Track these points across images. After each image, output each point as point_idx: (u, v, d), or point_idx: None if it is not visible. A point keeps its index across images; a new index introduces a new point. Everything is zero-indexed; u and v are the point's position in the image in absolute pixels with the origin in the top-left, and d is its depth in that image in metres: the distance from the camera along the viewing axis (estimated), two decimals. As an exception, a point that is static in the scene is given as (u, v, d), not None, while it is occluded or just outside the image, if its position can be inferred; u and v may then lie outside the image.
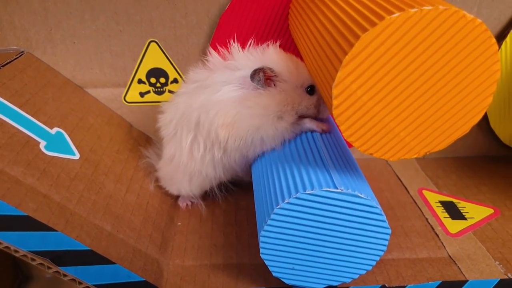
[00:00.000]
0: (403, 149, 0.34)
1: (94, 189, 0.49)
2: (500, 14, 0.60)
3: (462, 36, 0.30)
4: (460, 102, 0.32)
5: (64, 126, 0.52)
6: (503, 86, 0.63)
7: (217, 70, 0.47)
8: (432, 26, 0.29)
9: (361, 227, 0.39)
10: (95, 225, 0.45)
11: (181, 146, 0.50)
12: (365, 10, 0.31)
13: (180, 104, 0.49)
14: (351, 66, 0.30)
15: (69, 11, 0.56)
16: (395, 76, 0.31)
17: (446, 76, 0.31)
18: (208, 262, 0.49)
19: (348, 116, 0.32)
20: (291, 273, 0.42)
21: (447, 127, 0.34)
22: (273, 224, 0.39)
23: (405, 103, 0.32)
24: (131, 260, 0.45)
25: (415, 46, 0.30)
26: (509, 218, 0.57)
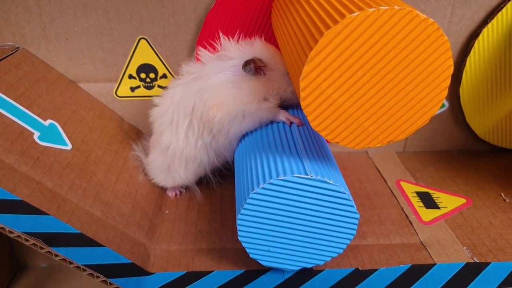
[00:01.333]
0: (367, 138, 0.37)
1: (85, 177, 0.52)
2: (473, 14, 0.63)
3: (416, 34, 0.33)
4: (418, 95, 0.35)
5: (57, 118, 0.55)
6: (477, 82, 0.66)
7: (210, 61, 0.52)
8: (389, 24, 0.32)
9: (331, 212, 0.42)
10: (86, 210, 0.48)
11: (178, 132, 0.53)
12: (330, 9, 0.34)
13: (176, 93, 0.52)
14: (316, 61, 0.33)
15: (62, 9, 0.59)
16: (357, 70, 0.34)
17: (404, 70, 0.34)
18: (192, 247, 0.52)
19: (315, 107, 0.34)
20: (267, 255, 0.45)
21: (407, 118, 0.36)
22: (249, 208, 0.42)
23: (367, 95, 0.35)
24: (119, 243, 0.48)
25: (374, 42, 0.33)
26: (480, 207, 0.60)
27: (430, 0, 0.62)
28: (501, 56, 0.64)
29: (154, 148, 0.58)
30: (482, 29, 0.63)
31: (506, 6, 0.61)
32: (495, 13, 0.62)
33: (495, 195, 0.63)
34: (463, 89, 0.67)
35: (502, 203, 0.61)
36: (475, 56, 0.64)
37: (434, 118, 0.71)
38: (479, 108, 0.69)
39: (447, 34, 0.64)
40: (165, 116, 0.54)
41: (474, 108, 0.69)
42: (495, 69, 0.65)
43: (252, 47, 0.52)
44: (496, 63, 0.65)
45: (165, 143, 0.55)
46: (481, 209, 0.60)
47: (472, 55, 0.64)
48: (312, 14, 0.37)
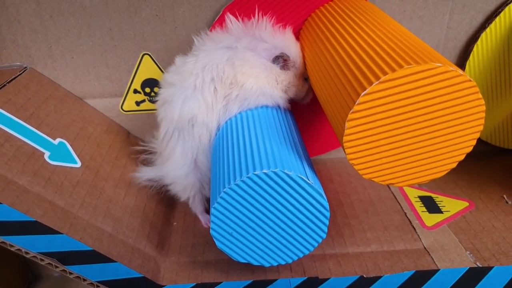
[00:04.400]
0: (400, 178, 0.41)
1: (95, 194, 0.53)
2: (472, 19, 0.64)
3: (455, 90, 0.37)
4: (450, 141, 0.39)
5: (66, 137, 0.57)
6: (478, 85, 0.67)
7: (242, 36, 0.53)
8: (431, 80, 0.36)
9: (302, 209, 0.44)
10: (97, 227, 0.49)
11: (204, 98, 0.51)
12: (377, 57, 0.38)
13: (200, 59, 0.52)
14: (363, 106, 0.36)
15: (67, 29, 0.61)
16: (399, 117, 0.37)
17: (439, 120, 0.38)
18: (201, 258, 0.54)
19: (355, 145, 0.38)
20: (240, 250, 0.47)
21: (438, 162, 0.40)
22: (222, 204, 0.43)
23: (406, 140, 0.38)
24: (130, 258, 0.49)
25: (418, 94, 0.36)
26: (483, 210, 0.61)
27: (428, 7, 0.62)
28: (500, 59, 0.65)
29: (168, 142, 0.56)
30: (481, 34, 0.63)
31: (504, 11, 0.62)
32: (493, 17, 0.62)
33: (497, 197, 0.64)
34: (464, 93, 0.68)
35: (504, 205, 0.62)
36: (474, 60, 0.65)
37: (435, 122, 0.72)
38: (480, 110, 0.69)
39: (445, 39, 0.65)
40: (188, 81, 0.51)
41: (475, 111, 0.69)
42: (494, 72, 0.66)
43: (284, 37, 0.54)
44: (496, 66, 0.66)
45: (191, 115, 0.51)
46: (484, 212, 0.61)
47: (471, 59, 0.65)
48: (359, 59, 0.40)
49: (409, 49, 0.38)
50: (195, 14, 0.60)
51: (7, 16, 0.59)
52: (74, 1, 0.59)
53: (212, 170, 0.51)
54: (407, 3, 0.62)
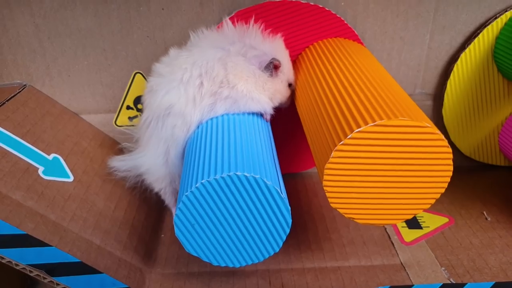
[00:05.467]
0: (377, 218, 0.44)
1: (86, 207, 0.56)
2: (451, 40, 0.66)
3: (426, 146, 0.41)
4: (420, 186, 0.42)
5: (61, 152, 0.60)
6: (458, 104, 0.69)
7: (235, 41, 0.55)
8: (403, 134, 0.40)
9: (263, 210, 0.45)
10: (86, 239, 0.52)
11: (186, 91, 0.52)
12: (361, 107, 0.42)
13: (193, 55, 0.54)
14: (341, 154, 0.40)
15: (63, 49, 0.64)
16: (374, 164, 0.41)
17: (410, 168, 0.41)
18: (185, 270, 0.56)
19: (335, 187, 0.42)
20: (206, 251, 0.48)
21: (410, 203, 0.43)
22: (186, 204, 0.44)
23: (381, 184, 0.42)
24: (117, 269, 0.52)
25: (393, 144, 0.40)
26: (462, 226, 0.63)
27: (409, 28, 0.65)
28: (480, 79, 0.67)
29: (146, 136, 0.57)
30: (460, 54, 0.65)
31: (482, 32, 0.63)
32: (472, 39, 0.64)
33: (478, 213, 0.65)
34: (446, 110, 0.69)
35: (484, 222, 0.64)
36: (454, 79, 0.67)
37: (420, 138, 0.74)
38: (462, 127, 0.71)
39: (427, 59, 0.67)
40: (176, 74, 0.53)
41: (457, 127, 0.71)
42: (475, 91, 0.68)
43: (273, 43, 0.56)
44: (476, 85, 0.67)
45: (169, 103, 0.52)
46: (463, 229, 0.62)
47: (452, 79, 0.67)
48: (345, 106, 0.44)
49: (384, 101, 0.42)
50: (183, 35, 0.63)
51: (8, 37, 0.63)
52: (70, 24, 0.62)
53: (184, 163, 0.51)
54: (388, 25, 0.64)
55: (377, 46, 0.66)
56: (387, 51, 0.66)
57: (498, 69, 0.66)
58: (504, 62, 0.63)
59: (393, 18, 0.64)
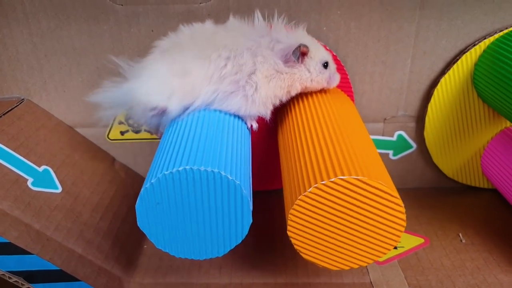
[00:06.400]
0: (337, 262, 0.47)
1: (71, 217, 0.59)
2: (432, 65, 0.67)
3: (381, 205, 0.44)
4: (375, 236, 0.45)
5: (52, 164, 0.64)
6: (440, 127, 0.70)
7: (263, 33, 0.55)
8: (360, 190, 0.43)
9: (224, 204, 0.45)
10: (68, 248, 0.55)
11: (209, 65, 0.53)
12: (322, 163, 0.45)
13: (226, 38, 0.54)
14: (303, 204, 0.44)
15: (59, 66, 0.68)
16: (331, 215, 0.44)
17: (366, 219, 0.44)
18: (162, 281, 0.59)
19: (298, 232, 0.46)
20: (166, 241, 0.48)
21: (366, 252, 0.46)
22: (145, 195, 0.44)
23: (339, 232, 0.45)
24: (96, 278, 0.55)
25: (349, 198, 0.43)
26: (436, 247, 0.64)
27: (390, 53, 0.66)
28: (460, 103, 0.68)
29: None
30: (440, 79, 0.67)
31: (461, 59, 0.65)
32: (452, 64, 0.66)
33: (454, 235, 0.66)
34: (427, 133, 0.71)
35: (458, 243, 0.65)
36: (435, 103, 0.68)
37: (403, 158, 0.76)
38: (444, 150, 0.72)
39: (409, 83, 0.69)
40: (205, 50, 0.53)
41: (439, 150, 0.72)
42: (456, 115, 0.69)
43: (297, 34, 0.56)
44: (457, 109, 0.69)
45: (190, 69, 0.53)
46: (437, 250, 0.63)
47: (433, 102, 0.68)
48: (311, 159, 0.47)
49: (349, 157, 0.45)
50: (173, 55, 0.67)
51: (8, 54, 0.67)
52: (65, 43, 0.66)
53: (157, 151, 0.52)
54: (369, 49, 0.66)
55: (359, 70, 0.68)
56: (369, 74, 0.68)
57: (478, 94, 0.67)
58: (483, 88, 0.64)
59: (374, 43, 0.66)
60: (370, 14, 0.63)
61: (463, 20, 0.64)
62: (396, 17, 0.64)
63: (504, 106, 0.60)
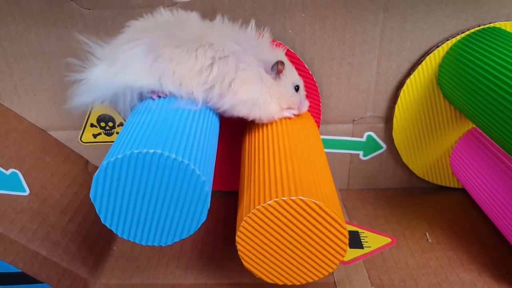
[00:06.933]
0: (280, 278, 0.51)
1: (37, 220, 0.60)
2: (399, 66, 0.68)
3: (324, 226, 0.47)
4: (317, 256, 0.49)
5: (20, 167, 0.64)
6: (408, 127, 0.71)
7: (251, 41, 0.56)
8: (304, 210, 0.46)
9: (179, 187, 0.44)
10: (32, 251, 0.56)
11: (197, 61, 0.53)
12: (267, 185, 0.48)
13: (213, 36, 0.54)
14: (250, 222, 0.47)
15: (29, 70, 0.68)
16: (276, 233, 0.48)
17: (311, 238, 0.48)
18: (128, 282, 0.60)
19: (246, 246, 0.49)
20: (122, 225, 0.48)
21: (310, 269, 0.50)
22: (99, 179, 0.44)
23: (284, 248, 0.48)
24: (60, 280, 0.56)
25: (292, 217, 0.47)
26: (402, 247, 0.65)
27: (356, 54, 0.67)
28: (427, 104, 0.69)
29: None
30: (406, 80, 0.67)
31: (425, 60, 0.66)
32: (417, 65, 0.66)
33: (421, 234, 0.67)
34: (396, 134, 0.71)
35: (424, 243, 0.65)
36: (402, 104, 0.69)
37: (374, 159, 0.76)
38: (413, 150, 0.73)
39: (376, 84, 0.70)
40: (190, 42, 0.53)
41: (409, 150, 0.73)
42: (423, 115, 0.70)
43: (277, 52, 0.58)
44: (423, 110, 0.69)
45: (178, 58, 0.53)
46: (402, 249, 0.64)
47: (399, 103, 0.69)
48: (261, 179, 0.50)
49: (299, 179, 0.48)
50: (141, 58, 0.67)
51: (-22, 59, 0.68)
52: (34, 47, 0.67)
53: (126, 123, 0.52)
54: (335, 51, 0.67)
55: (326, 72, 0.68)
56: (335, 76, 0.69)
57: (443, 95, 0.68)
58: (447, 89, 0.65)
59: (340, 45, 0.66)
60: (334, 16, 0.64)
61: (426, 22, 0.65)
62: (360, 19, 0.64)
63: (466, 106, 0.61)
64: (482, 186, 0.64)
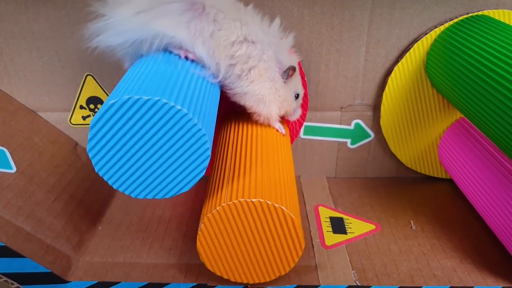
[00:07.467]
0: (241, 275, 0.53)
1: (23, 197, 0.60)
2: (387, 53, 0.68)
3: (279, 226, 0.49)
4: (274, 256, 0.52)
5: (8, 145, 0.65)
6: (396, 115, 0.71)
7: (275, 39, 0.57)
8: (256, 211, 0.48)
9: (175, 135, 0.43)
10: (16, 226, 0.56)
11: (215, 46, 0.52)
12: (225, 187, 0.51)
13: (249, 26, 0.54)
14: (208, 224, 0.50)
15: (19, 50, 0.69)
16: (237, 233, 0.50)
17: (266, 242, 0.50)
18: (111, 260, 0.60)
19: (207, 247, 0.51)
20: (118, 177, 0.45)
21: (267, 269, 0.53)
22: (99, 124, 0.42)
23: (246, 247, 0.51)
24: (43, 255, 0.56)
25: (248, 216, 0.49)
26: (386, 234, 0.65)
27: (344, 41, 0.67)
28: (415, 92, 0.69)
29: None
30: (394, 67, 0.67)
31: (413, 47, 0.66)
32: (405, 52, 0.66)
33: (405, 222, 0.67)
34: (383, 122, 0.72)
35: (409, 230, 0.65)
36: (390, 91, 0.69)
37: (362, 147, 0.76)
38: (401, 139, 0.73)
39: (364, 71, 0.70)
40: (232, 26, 0.53)
41: (396, 139, 0.73)
42: (411, 104, 0.70)
43: (294, 57, 0.60)
44: (411, 98, 0.69)
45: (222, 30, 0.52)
46: (386, 236, 0.64)
47: (387, 91, 0.69)
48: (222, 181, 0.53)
49: (260, 182, 0.50)
50: (131, 41, 0.67)
51: (-32, 38, 0.68)
52: (24, 26, 0.67)
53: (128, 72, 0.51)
54: (324, 37, 0.67)
55: (314, 58, 0.68)
56: (324, 62, 0.69)
57: (431, 83, 0.68)
58: (435, 77, 0.65)
59: (328, 30, 0.67)
60: (323, 1, 0.64)
61: (415, 9, 0.65)
62: (349, 5, 0.64)
63: (453, 95, 0.61)
64: (469, 176, 0.64)
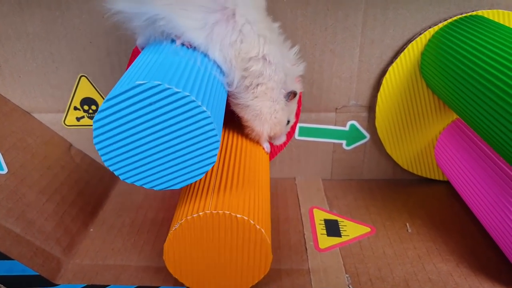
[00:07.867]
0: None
1: (13, 198, 0.60)
2: (382, 54, 0.67)
3: (247, 236, 0.48)
4: (245, 269, 0.51)
5: (0, 146, 0.64)
6: (391, 116, 0.70)
7: (289, 63, 0.57)
8: (226, 223, 0.48)
9: (183, 123, 0.41)
10: (5, 228, 0.56)
11: (228, 49, 0.51)
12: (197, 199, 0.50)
13: (271, 45, 0.53)
14: (173, 238, 0.49)
15: (14, 51, 0.69)
16: (205, 248, 0.49)
17: (237, 254, 0.50)
18: (102, 262, 0.59)
19: (173, 257, 0.50)
20: (125, 168, 0.44)
21: (236, 281, 0.52)
22: (105, 113, 0.40)
23: (212, 260, 0.50)
24: (31, 258, 0.56)
25: (215, 228, 0.48)
26: (381, 237, 0.64)
27: (338, 41, 0.67)
28: (410, 93, 0.68)
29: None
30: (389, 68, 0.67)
31: (408, 48, 0.65)
32: (399, 53, 0.66)
33: (401, 225, 0.66)
34: (379, 123, 0.71)
35: (404, 233, 0.64)
36: (384, 92, 0.68)
37: (357, 149, 0.75)
38: (397, 140, 0.72)
39: (359, 72, 0.69)
40: (250, 48, 0.52)
41: (392, 140, 0.72)
42: (406, 105, 0.69)
43: (299, 85, 0.60)
44: (406, 99, 0.69)
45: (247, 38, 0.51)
46: (381, 239, 0.63)
47: (382, 91, 0.68)
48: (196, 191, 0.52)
49: (230, 196, 0.50)
50: (125, 41, 0.67)
51: (-37, 39, 0.68)
52: (18, 28, 0.67)
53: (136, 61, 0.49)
54: (317, 37, 0.66)
55: (308, 58, 0.68)
56: (318, 63, 0.68)
57: (426, 83, 0.67)
58: (429, 77, 0.64)
59: (322, 31, 0.66)
60: (316, 2, 0.64)
61: (409, 9, 0.64)
62: (342, 5, 0.64)
63: (448, 95, 0.60)
64: (465, 178, 0.63)
